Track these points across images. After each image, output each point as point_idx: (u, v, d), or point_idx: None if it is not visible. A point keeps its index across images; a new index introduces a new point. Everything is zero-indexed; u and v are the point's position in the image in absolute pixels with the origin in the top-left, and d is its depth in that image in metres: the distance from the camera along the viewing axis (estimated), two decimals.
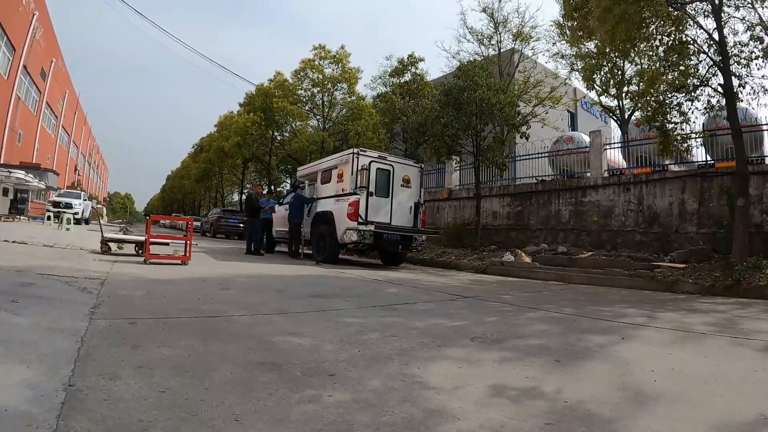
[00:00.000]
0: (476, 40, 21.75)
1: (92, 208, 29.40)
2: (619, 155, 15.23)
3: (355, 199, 10.96)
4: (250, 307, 4.66)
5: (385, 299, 5.89)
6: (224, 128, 32.90)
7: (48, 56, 34.85)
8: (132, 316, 3.74)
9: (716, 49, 8.93)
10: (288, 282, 7.24)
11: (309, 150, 25.31)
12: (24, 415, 1.78)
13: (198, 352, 2.88)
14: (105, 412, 1.88)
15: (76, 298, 4.31)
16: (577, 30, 13.53)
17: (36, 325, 3.15)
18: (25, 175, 23.68)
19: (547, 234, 14.26)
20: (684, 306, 6.12)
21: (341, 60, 25.84)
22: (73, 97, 49.90)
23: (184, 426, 1.81)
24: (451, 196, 17.82)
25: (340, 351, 3.12)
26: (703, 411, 2.28)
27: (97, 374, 2.32)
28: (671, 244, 11.24)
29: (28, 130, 32.37)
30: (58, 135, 43.02)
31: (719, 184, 10.69)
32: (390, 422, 1.97)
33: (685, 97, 9.39)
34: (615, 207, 12.76)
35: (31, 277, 5.07)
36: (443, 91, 14.57)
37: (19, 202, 26.99)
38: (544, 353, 3.31)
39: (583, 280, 9.07)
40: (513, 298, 6.56)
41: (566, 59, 19.72)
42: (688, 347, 3.71)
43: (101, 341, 2.94)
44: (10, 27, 25.77)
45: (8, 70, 26.86)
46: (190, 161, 53.64)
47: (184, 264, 8.44)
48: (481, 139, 14.15)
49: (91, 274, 5.94)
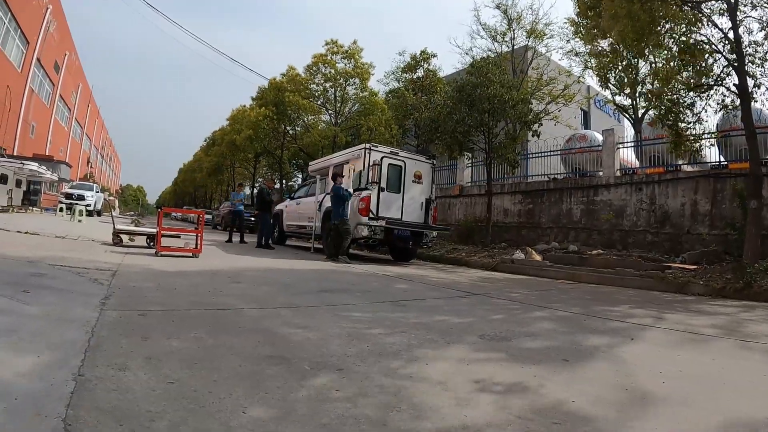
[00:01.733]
0: (489, 37, 21.62)
1: (104, 200, 29.62)
2: (632, 154, 15.09)
3: (367, 194, 10.95)
4: (260, 300, 4.68)
5: (395, 295, 5.89)
6: (236, 122, 32.93)
7: (61, 49, 35.08)
8: (142, 308, 3.77)
9: (731, 49, 8.82)
10: (297, 276, 7.25)
11: (321, 145, 25.30)
12: (33, 404, 1.79)
13: (207, 344, 2.89)
14: (113, 402, 1.89)
15: (87, 289, 4.34)
16: (591, 28, 13.42)
17: (47, 316, 3.18)
18: (38, 167, 23.86)
19: (558, 232, 14.19)
20: (694, 308, 6.07)
21: (353, 55, 25.75)
22: (86, 90, 50.22)
23: (191, 417, 1.82)
24: (463, 193, 17.78)
25: (348, 345, 3.12)
26: (712, 414, 2.25)
27: (107, 365, 2.34)
28: (683, 245, 11.14)
29: (42, 123, 32.64)
30: (71, 127, 43.34)
31: (732, 186, 10.56)
32: (396, 418, 1.97)
33: (699, 97, 9.29)
34: (627, 206, 12.66)
35: (43, 268, 5.12)
36: (456, 87, 14.49)
37: (32, 194, 27.24)
38: (552, 352, 3.29)
39: (593, 280, 9.01)
40: (522, 296, 6.53)
41: (580, 57, 19.53)
42: (698, 349, 3.67)
43: (111, 332, 2.96)
44: (24, 20, 25.95)
45: (22, 63, 27.08)
46: (202, 155, 53.95)
47: (194, 257, 8.48)
48: (494, 136, 14.08)
49: (102, 266, 5.98)
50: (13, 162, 22.55)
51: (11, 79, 25.53)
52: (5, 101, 24.73)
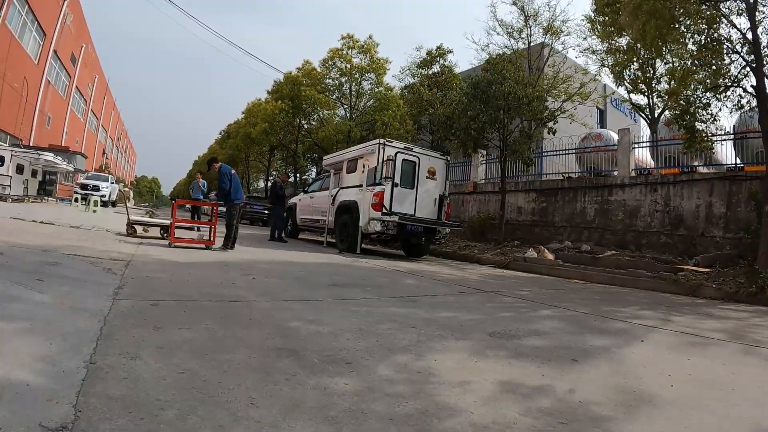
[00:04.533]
0: (506, 33, 21.50)
1: (119, 191, 29.87)
2: (648, 154, 14.92)
3: (380, 190, 10.94)
4: (271, 293, 4.70)
5: (405, 290, 5.89)
6: (252, 115, 32.99)
7: (78, 41, 35.44)
8: (154, 298, 3.80)
9: (749, 50, 8.70)
10: (309, 270, 7.27)
11: (335, 139, 25.34)
12: (45, 390, 1.82)
13: (217, 335, 2.91)
14: (124, 390, 1.92)
15: (101, 279, 4.39)
16: (608, 25, 13.30)
17: (60, 304, 3.22)
18: (53, 158, 24.09)
19: (571, 231, 14.10)
20: (705, 311, 6.01)
21: (369, 50, 25.73)
22: (103, 82, 50.67)
23: (200, 407, 1.83)
24: (476, 190, 17.71)
25: (358, 340, 3.13)
26: (720, 418, 2.24)
27: (118, 353, 2.37)
28: (696, 247, 11.01)
29: (58, 114, 33.00)
30: (87, 119, 43.79)
31: (748, 189, 10.41)
32: (403, 413, 1.97)
33: (716, 97, 9.17)
34: (641, 207, 12.53)
35: (57, 257, 5.18)
36: (471, 84, 14.40)
37: (48, 184, 27.49)
38: (561, 352, 3.28)
39: (605, 280, 8.94)
40: (533, 294, 6.50)
41: (597, 55, 19.38)
42: (707, 353, 3.63)
43: (123, 321, 2.99)
44: (41, 13, 26.27)
45: (39, 55, 27.40)
46: (217, 147, 54.14)
47: (208, 248, 8.54)
48: (508, 134, 14.00)
49: (115, 256, 6.04)
50: (29, 152, 22.79)
51: (28, 70, 25.85)
52: (22, 93, 25.02)
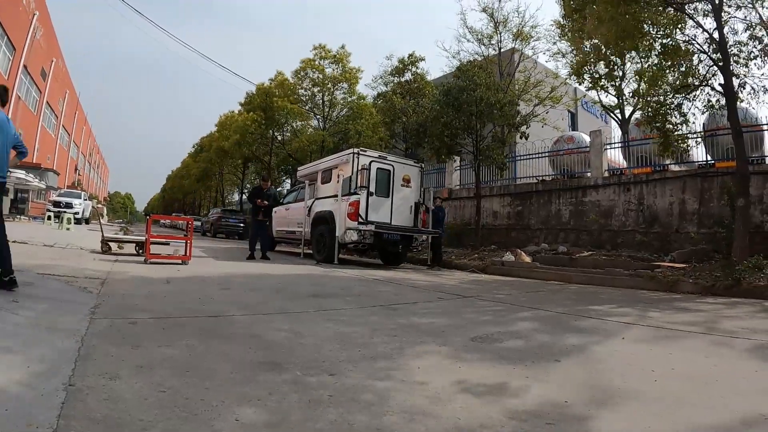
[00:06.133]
0: (476, 40, 21.66)
1: (92, 207, 29.41)
2: (620, 155, 15.20)
3: (356, 199, 10.94)
4: (251, 306, 4.67)
5: (385, 299, 5.89)
6: (224, 128, 32.87)
7: (48, 56, 34.84)
8: (132, 316, 3.75)
9: (716, 49, 8.94)
10: (288, 282, 7.24)
11: (309, 150, 25.25)
12: (25, 415, 1.78)
13: (198, 351, 2.88)
14: (105, 411, 1.89)
15: (77, 298, 4.32)
16: (576, 31, 13.55)
17: (36, 325, 3.16)
18: (25, 175, 23.67)
19: (547, 234, 14.26)
20: (682, 306, 6.11)
21: (341, 60, 25.81)
22: (74, 97, 49.86)
23: (184, 426, 1.81)
24: (451, 196, 17.81)
25: (340, 350, 3.12)
26: (703, 410, 2.28)
27: (98, 374, 2.33)
28: (671, 244, 11.24)
29: (29, 130, 32.30)
30: (58, 135, 42.98)
31: (720, 184, 10.68)
32: (389, 422, 1.97)
33: (685, 98, 9.40)
34: (615, 207, 12.75)
35: (32, 277, 5.07)
36: (443, 90, 14.54)
37: (20, 202, 27.01)
38: (543, 352, 3.31)
39: (583, 280, 9.06)
40: (512, 297, 6.56)
41: (567, 58, 19.67)
42: (688, 347, 3.70)
43: (101, 341, 2.94)
44: (11, 27, 25.77)
45: (8, 70, 26.85)
46: (190, 161, 53.75)
47: (184, 264, 8.44)
48: (481, 139, 14.13)
49: (91, 274, 5.95)
50: None
51: None
52: None
